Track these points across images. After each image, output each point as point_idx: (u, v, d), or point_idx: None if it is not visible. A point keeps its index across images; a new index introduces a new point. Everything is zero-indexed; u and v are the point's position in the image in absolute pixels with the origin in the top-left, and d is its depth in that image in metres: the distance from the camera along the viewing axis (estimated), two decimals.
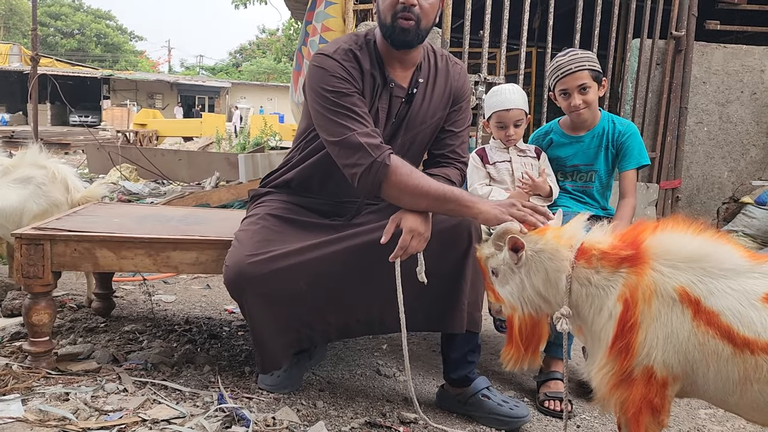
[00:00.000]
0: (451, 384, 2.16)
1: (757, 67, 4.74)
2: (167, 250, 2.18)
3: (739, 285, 1.40)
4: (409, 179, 1.85)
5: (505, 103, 2.44)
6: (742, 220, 4.57)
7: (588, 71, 2.42)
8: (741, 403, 1.43)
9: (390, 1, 1.90)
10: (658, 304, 1.45)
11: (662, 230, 1.50)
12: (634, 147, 2.48)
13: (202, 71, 50.56)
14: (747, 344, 1.35)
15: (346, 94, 1.90)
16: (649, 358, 1.45)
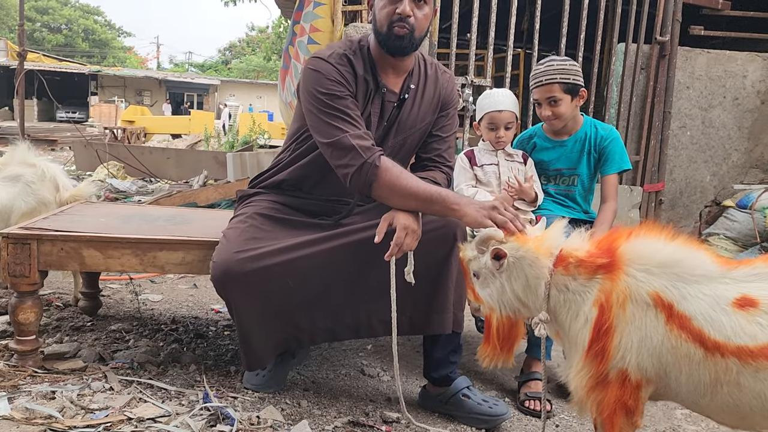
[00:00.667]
0: (432, 383, 2.20)
1: (740, 73, 4.82)
2: (154, 250, 2.20)
3: (711, 290, 1.44)
4: (398, 180, 1.90)
5: (497, 104, 2.48)
6: (723, 223, 4.65)
7: (559, 84, 2.45)
8: (712, 405, 1.47)
9: (386, 11, 1.97)
10: (633, 308, 1.49)
11: (636, 236, 1.55)
12: (616, 152, 2.53)
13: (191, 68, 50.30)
14: (717, 348, 1.40)
15: (339, 96, 1.96)
16: (623, 362, 1.49)
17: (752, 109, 4.89)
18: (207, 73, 45.13)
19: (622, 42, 4.55)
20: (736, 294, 1.43)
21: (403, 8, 1.95)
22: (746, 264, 1.49)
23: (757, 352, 1.37)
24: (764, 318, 1.38)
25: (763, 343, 1.37)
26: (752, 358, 1.37)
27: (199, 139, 17.14)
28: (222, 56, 52.74)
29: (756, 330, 1.38)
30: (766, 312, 1.39)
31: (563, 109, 2.49)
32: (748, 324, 1.39)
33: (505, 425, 2.16)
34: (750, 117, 4.89)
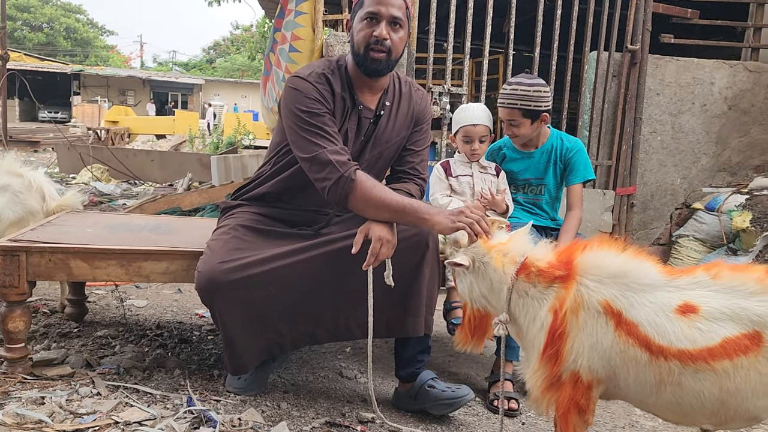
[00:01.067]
0: (401, 380, 2.32)
1: (708, 80, 4.99)
2: (139, 261, 2.29)
3: (656, 298, 1.58)
4: (372, 192, 2.03)
5: (472, 119, 2.59)
6: (693, 225, 4.81)
7: (519, 110, 2.57)
8: (657, 403, 1.61)
9: (364, 34, 2.09)
10: (585, 315, 1.62)
11: (591, 249, 1.68)
12: (580, 162, 2.67)
13: (175, 67, 50.00)
14: (661, 351, 1.53)
15: (318, 114, 2.08)
16: (575, 364, 1.62)
17: (720, 115, 5.06)
18: (191, 72, 44.92)
19: (595, 50, 4.70)
20: (679, 301, 1.56)
21: (380, 32, 2.07)
22: (688, 273, 1.62)
23: (697, 354, 1.49)
24: (703, 323, 1.51)
25: (702, 346, 1.49)
26: (692, 361, 1.50)
27: (184, 139, 17.11)
28: (206, 55, 52.50)
29: (696, 334, 1.51)
30: (705, 318, 1.52)
31: (522, 131, 2.63)
32: (689, 329, 1.51)
33: (474, 423, 2.28)
34: (718, 122, 5.06)
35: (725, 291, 1.55)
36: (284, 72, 4.64)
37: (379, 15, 2.07)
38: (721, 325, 1.50)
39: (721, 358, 1.48)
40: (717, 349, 1.48)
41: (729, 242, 4.48)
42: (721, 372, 1.49)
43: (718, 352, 1.48)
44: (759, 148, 5.16)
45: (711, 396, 1.51)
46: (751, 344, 1.48)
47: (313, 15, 4.51)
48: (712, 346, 1.49)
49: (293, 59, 4.58)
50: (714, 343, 1.49)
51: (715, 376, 1.49)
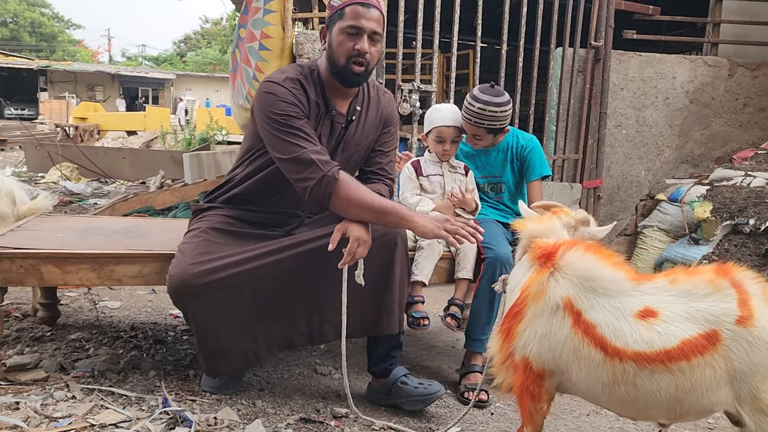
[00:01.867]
0: (374, 376, 2.39)
1: (669, 74, 5.13)
2: (111, 264, 2.31)
3: (619, 303, 1.64)
4: (356, 193, 2.08)
5: (446, 120, 2.66)
6: (657, 215, 4.95)
7: (485, 129, 2.67)
8: (610, 401, 1.69)
9: (345, 48, 2.13)
10: (543, 305, 1.70)
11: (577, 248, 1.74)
12: (536, 159, 2.76)
13: (145, 62, 49.23)
14: (617, 353, 1.60)
15: (295, 117, 2.11)
16: (525, 349, 1.70)
17: (682, 108, 5.20)
18: (162, 66, 44.26)
19: (560, 47, 4.79)
20: (640, 306, 1.63)
21: (363, 45, 2.12)
22: (650, 279, 1.70)
23: (654, 356, 1.56)
24: (662, 327, 1.58)
25: (660, 348, 1.56)
26: (648, 363, 1.57)
27: (155, 136, 16.94)
28: (177, 49, 51.75)
29: (654, 337, 1.57)
30: (664, 321, 1.59)
31: (484, 143, 2.76)
32: (647, 332, 1.58)
33: (446, 415, 2.36)
34: (680, 115, 5.21)
35: (682, 295, 1.62)
36: (254, 70, 4.65)
37: (361, 29, 2.12)
38: (679, 327, 1.57)
39: (679, 359, 1.55)
40: (674, 351, 1.55)
41: (691, 232, 4.63)
42: (678, 372, 1.55)
43: (676, 353, 1.55)
44: (720, 140, 5.32)
45: (667, 394, 1.58)
46: (708, 344, 1.55)
47: (283, 13, 4.52)
48: (670, 348, 1.55)
49: (264, 57, 4.59)
50: (672, 345, 1.56)
51: (671, 377, 1.56)
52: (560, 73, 4.78)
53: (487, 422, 2.33)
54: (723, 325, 1.56)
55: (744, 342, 1.54)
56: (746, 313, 1.55)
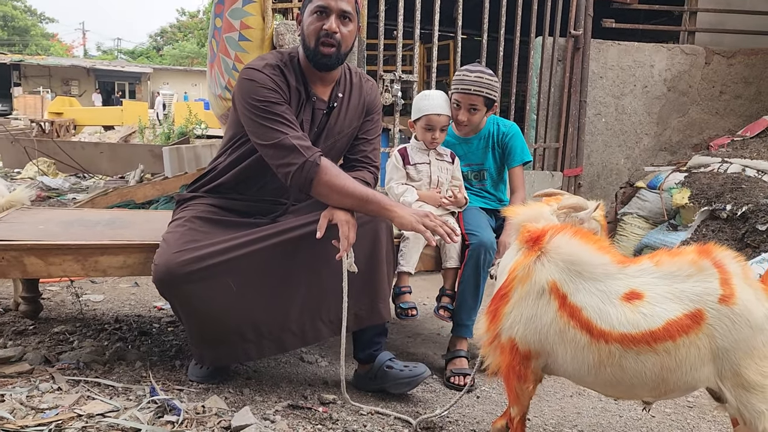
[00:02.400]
0: (360, 362, 2.40)
1: (648, 63, 5.20)
2: (95, 255, 2.29)
3: (605, 286, 1.67)
4: (338, 179, 2.08)
5: (436, 108, 2.65)
6: (636, 203, 5.01)
7: (483, 98, 2.67)
8: (596, 381, 1.72)
9: (314, 28, 2.13)
10: (529, 288, 1.72)
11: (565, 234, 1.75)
12: (517, 146, 2.78)
13: (121, 55, 48.51)
14: (603, 335, 1.62)
15: (276, 103, 2.11)
16: (512, 331, 1.73)
17: (660, 96, 5.28)
18: (138, 60, 43.65)
19: (540, 36, 4.83)
20: (626, 289, 1.65)
21: (330, 25, 2.11)
22: (636, 262, 1.73)
23: (639, 338, 1.60)
24: (647, 308, 1.61)
25: (645, 330, 1.60)
26: (634, 344, 1.60)
27: (133, 130, 16.72)
28: (153, 42, 51.06)
29: (639, 319, 1.60)
30: (649, 303, 1.62)
31: (477, 119, 2.73)
32: (632, 314, 1.61)
33: (432, 400, 2.38)
34: (658, 103, 5.28)
35: (666, 276, 1.65)
36: (234, 60, 4.62)
37: (328, 9, 2.11)
38: (664, 308, 1.60)
39: (664, 339, 1.58)
40: (660, 331, 1.58)
41: (670, 218, 4.70)
42: (663, 352, 1.59)
43: (661, 334, 1.58)
44: (697, 127, 5.41)
45: (653, 374, 1.62)
46: (692, 323, 1.58)
47: (263, 3, 4.49)
48: (655, 329, 1.59)
49: (243, 48, 4.57)
50: (657, 326, 1.59)
51: (657, 357, 1.59)
52: (540, 63, 4.82)
53: (473, 405, 2.36)
54: (706, 304, 1.59)
55: (726, 320, 1.58)
56: (728, 292, 1.59)
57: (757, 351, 1.60)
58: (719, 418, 2.33)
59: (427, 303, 3.78)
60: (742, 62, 5.38)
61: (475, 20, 4.78)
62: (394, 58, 4.49)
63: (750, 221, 4.12)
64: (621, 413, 2.36)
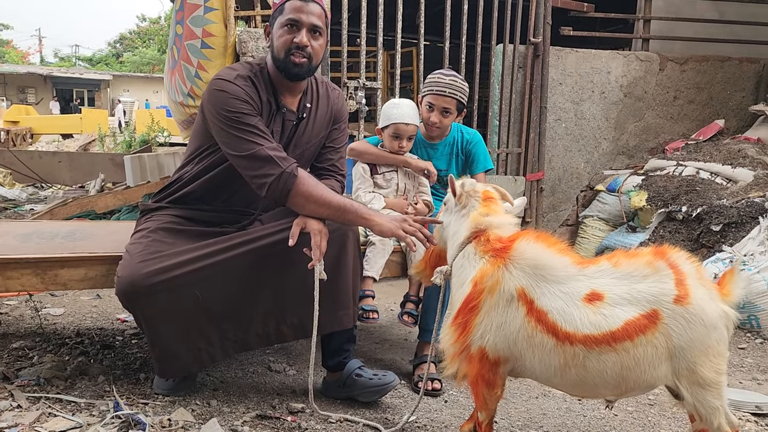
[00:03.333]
0: (329, 370, 2.40)
1: (604, 69, 5.33)
2: (55, 269, 2.25)
3: (568, 288, 1.71)
4: (315, 190, 2.09)
5: (405, 117, 2.67)
6: (596, 205, 5.14)
7: (457, 101, 2.73)
8: (562, 382, 1.76)
9: (284, 41, 2.15)
10: (498, 297, 1.74)
11: (528, 239, 1.79)
12: (480, 153, 2.85)
13: (79, 62, 47.44)
14: (568, 337, 1.66)
15: (248, 114, 2.11)
16: (482, 340, 1.75)
17: (617, 102, 5.42)
18: (97, 67, 42.76)
19: (500, 44, 4.91)
20: (587, 290, 1.70)
21: (301, 38, 2.14)
22: (594, 263, 1.77)
23: (601, 338, 1.64)
24: (607, 309, 1.66)
25: (606, 330, 1.64)
26: (596, 345, 1.64)
27: (93, 138, 16.38)
28: (113, 49, 50.10)
29: (600, 320, 1.65)
30: (609, 304, 1.67)
31: (448, 122, 2.79)
32: (594, 315, 1.65)
33: (401, 405, 2.40)
34: (615, 109, 5.42)
35: (624, 277, 1.70)
36: (197, 68, 4.59)
37: (299, 22, 2.14)
38: (622, 309, 1.65)
39: (623, 339, 1.63)
40: (619, 332, 1.63)
41: (629, 220, 4.83)
42: (623, 352, 1.63)
43: (620, 334, 1.63)
44: (652, 131, 5.57)
45: (613, 373, 1.66)
46: (649, 323, 1.63)
47: (225, 11, 4.47)
48: (615, 329, 1.63)
49: (207, 56, 4.54)
50: (617, 326, 1.63)
51: (617, 356, 1.64)
52: (501, 69, 4.90)
53: (441, 410, 2.38)
54: (662, 305, 1.64)
55: (682, 319, 1.63)
56: (683, 292, 1.64)
57: (712, 349, 1.66)
58: (679, 415, 2.40)
59: (394, 309, 3.80)
60: (694, 68, 5.57)
61: (438, 27, 4.84)
62: (358, 65, 4.51)
63: (704, 222, 4.26)
64: (585, 413, 2.41)
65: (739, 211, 4.13)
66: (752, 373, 3.01)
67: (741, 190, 4.41)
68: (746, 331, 3.58)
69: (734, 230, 4.11)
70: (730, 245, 3.99)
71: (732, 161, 4.78)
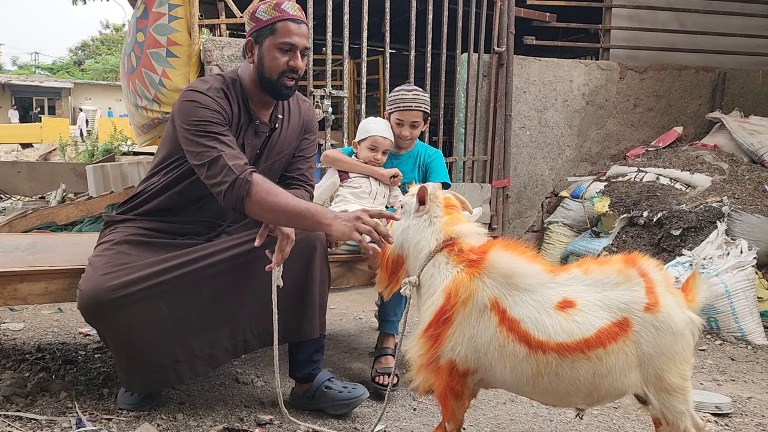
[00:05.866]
0: (298, 381, 2.39)
1: (567, 78, 5.44)
2: (14, 283, 2.19)
3: (539, 296, 1.71)
4: (268, 196, 2.03)
5: (382, 131, 2.78)
6: (561, 212, 5.23)
7: (423, 113, 2.86)
8: (534, 391, 1.76)
9: (278, 63, 2.16)
10: (471, 308, 1.73)
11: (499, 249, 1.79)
12: (439, 167, 2.95)
13: (39, 70, 46.33)
14: (540, 346, 1.66)
15: (214, 123, 2.10)
16: (453, 353, 1.74)
17: (579, 110, 5.53)
18: (58, 75, 41.82)
19: (465, 52, 4.98)
20: (559, 297, 1.70)
21: (296, 63, 2.18)
22: (565, 270, 1.79)
23: (574, 346, 1.65)
24: (580, 316, 1.67)
25: (579, 338, 1.65)
26: (569, 352, 1.65)
27: (54, 147, 16.04)
28: (74, 56, 49.11)
29: (573, 327, 1.66)
30: (581, 311, 1.68)
31: (417, 133, 2.91)
32: (567, 323, 1.66)
33: (370, 415, 2.39)
34: (578, 116, 5.53)
35: (595, 285, 1.72)
36: (161, 76, 4.54)
37: (295, 46, 2.16)
38: (595, 316, 1.67)
39: (596, 347, 1.64)
40: (592, 339, 1.64)
41: (593, 226, 4.92)
42: (595, 359, 1.65)
43: (593, 342, 1.64)
44: (614, 138, 5.70)
45: (585, 381, 1.67)
46: (620, 331, 1.65)
47: (189, 19, 4.44)
48: (588, 337, 1.64)
49: (172, 64, 4.50)
50: (590, 334, 1.65)
51: (589, 364, 1.65)
52: (467, 78, 4.96)
53: (409, 418, 2.39)
54: (633, 313, 1.67)
55: (651, 327, 1.66)
56: (653, 300, 1.67)
57: (679, 356, 1.70)
58: (642, 418, 2.46)
59: (362, 317, 3.80)
60: (653, 77, 5.72)
61: (404, 36, 4.87)
62: (324, 74, 4.51)
63: (665, 227, 4.37)
64: (552, 417, 2.45)
65: (697, 216, 4.25)
66: (712, 374, 3.09)
67: (699, 195, 4.55)
68: (706, 333, 3.69)
69: (693, 234, 4.23)
70: (690, 249, 4.10)
71: (690, 167, 4.91)
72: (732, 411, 2.56)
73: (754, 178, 4.74)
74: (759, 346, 3.55)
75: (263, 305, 2.16)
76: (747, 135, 5.25)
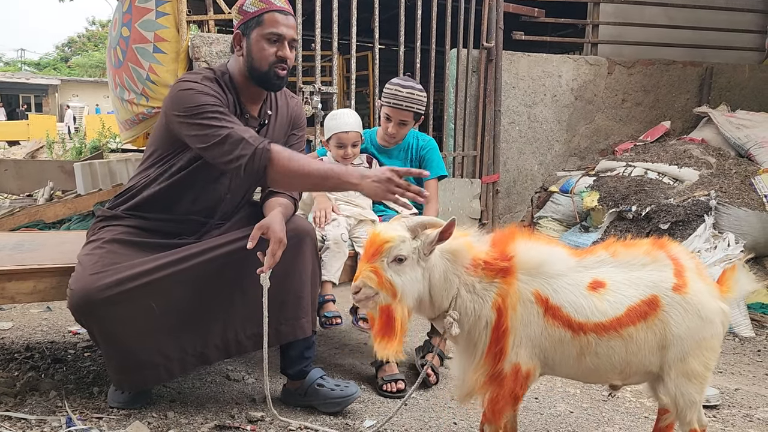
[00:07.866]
0: (290, 378, 2.39)
1: (556, 73, 5.46)
2: (1, 282, 2.19)
3: (572, 280, 1.74)
4: (291, 162, 2.04)
5: (344, 126, 2.72)
6: (550, 206, 5.25)
7: (413, 113, 2.78)
8: (578, 372, 1.81)
9: (267, 54, 2.16)
10: (522, 309, 1.72)
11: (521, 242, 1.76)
12: (434, 159, 2.89)
13: (26, 67, 45.86)
14: (581, 327, 1.70)
15: (215, 105, 2.09)
16: (516, 357, 1.72)
17: (568, 105, 5.56)
18: (44, 71, 41.40)
19: (454, 48, 4.98)
20: (589, 279, 1.74)
21: (285, 52, 2.18)
22: (591, 252, 1.81)
23: (609, 325, 1.70)
24: (611, 296, 1.72)
25: (612, 317, 1.70)
26: (605, 331, 1.70)
27: (41, 145, 15.90)
28: (61, 53, 48.64)
29: (606, 307, 1.70)
30: (612, 290, 1.72)
31: (405, 132, 2.84)
32: (600, 303, 1.71)
33: (362, 410, 2.40)
34: (567, 111, 5.56)
35: (623, 266, 1.76)
36: (148, 71, 4.52)
37: (282, 36, 2.16)
38: (624, 294, 1.71)
39: (627, 325, 1.69)
40: (623, 318, 1.69)
41: (582, 220, 4.95)
42: (627, 337, 1.70)
43: (625, 320, 1.69)
44: (603, 133, 5.73)
45: (619, 358, 1.72)
46: (649, 309, 1.70)
47: (176, 15, 4.42)
48: (620, 315, 1.69)
49: (159, 60, 4.48)
50: (621, 312, 1.69)
51: (622, 342, 1.70)
52: (456, 74, 4.97)
53: (401, 413, 2.39)
54: (661, 291, 1.71)
55: (680, 308, 1.71)
56: (681, 282, 1.72)
57: (706, 342, 1.74)
58: (632, 410, 2.48)
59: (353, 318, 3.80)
60: (641, 72, 5.75)
61: (393, 31, 4.87)
62: (313, 70, 4.50)
63: (653, 221, 4.40)
64: (542, 411, 2.46)
65: (685, 210, 4.28)
66: None
67: (687, 189, 4.58)
68: None
69: (681, 228, 4.26)
70: (678, 242, 4.13)
71: (678, 161, 4.95)
72: (719, 402, 2.59)
73: (741, 172, 4.78)
74: (746, 338, 3.59)
75: (254, 306, 2.14)
76: (734, 129, 5.29)
